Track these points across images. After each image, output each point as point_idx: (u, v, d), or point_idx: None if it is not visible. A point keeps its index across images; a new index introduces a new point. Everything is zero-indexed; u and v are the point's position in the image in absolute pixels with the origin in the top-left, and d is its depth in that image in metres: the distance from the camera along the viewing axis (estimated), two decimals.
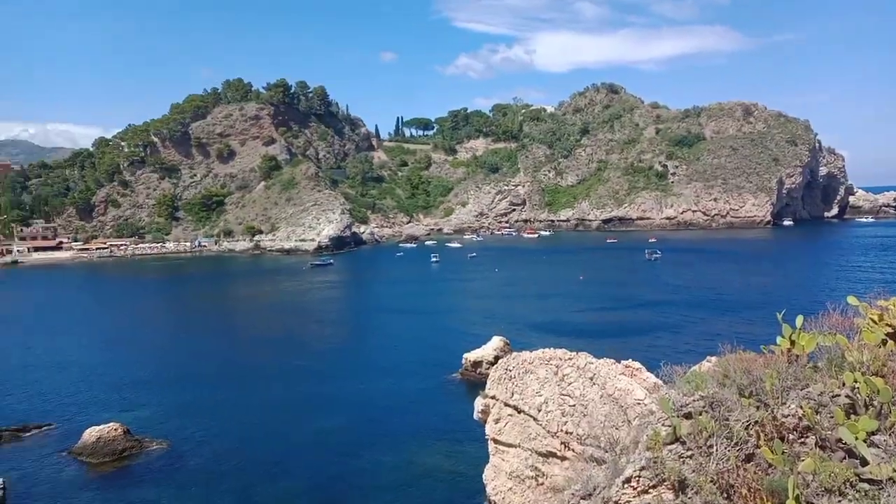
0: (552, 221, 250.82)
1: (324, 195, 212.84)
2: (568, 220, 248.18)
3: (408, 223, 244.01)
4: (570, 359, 16.22)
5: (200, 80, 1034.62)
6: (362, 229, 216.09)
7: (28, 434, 45.15)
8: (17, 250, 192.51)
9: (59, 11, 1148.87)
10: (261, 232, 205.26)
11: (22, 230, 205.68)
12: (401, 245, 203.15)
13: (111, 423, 42.56)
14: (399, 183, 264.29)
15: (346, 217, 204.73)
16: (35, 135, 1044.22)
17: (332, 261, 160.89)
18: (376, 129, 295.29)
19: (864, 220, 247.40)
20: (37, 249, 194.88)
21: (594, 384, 15.07)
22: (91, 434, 41.58)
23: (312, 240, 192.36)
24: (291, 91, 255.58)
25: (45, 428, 46.28)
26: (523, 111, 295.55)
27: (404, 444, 41.61)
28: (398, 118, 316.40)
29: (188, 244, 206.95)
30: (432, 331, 77.09)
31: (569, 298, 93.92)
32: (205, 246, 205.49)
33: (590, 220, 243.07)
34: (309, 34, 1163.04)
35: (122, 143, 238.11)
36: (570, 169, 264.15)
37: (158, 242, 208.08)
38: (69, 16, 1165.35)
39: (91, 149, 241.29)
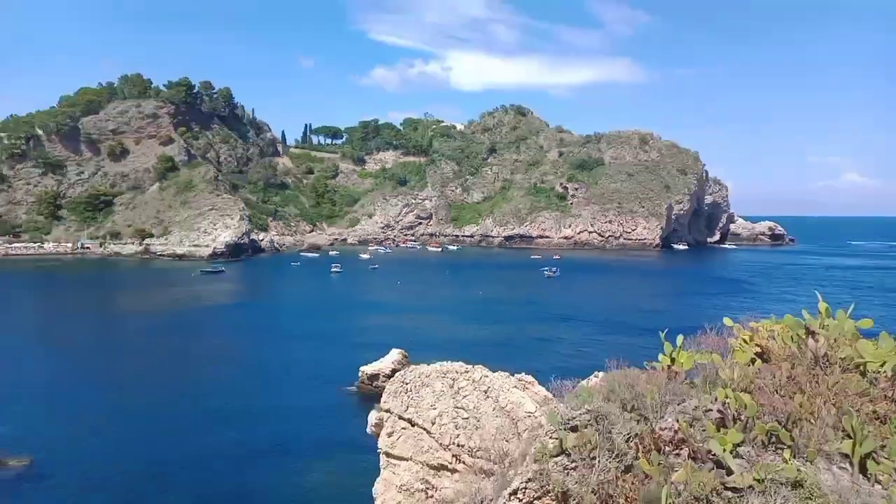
0: (457, 237, 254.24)
1: (222, 199, 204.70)
2: (472, 236, 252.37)
3: (310, 232, 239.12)
4: (466, 371, 16.28)
5: (98, 73, 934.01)
6: (261, 237, 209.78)
7: None
8: None
9: None
10: (151, 235, 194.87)
11: None
12: (301, 254, 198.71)
13: None
14: (304, 191, 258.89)
15: (245, 223, 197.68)
16: None
17: (223, 268, 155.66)
18: (283, 135, 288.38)
19: (740, 245, 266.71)
20: None
21: (488, 397, 15.19)
22: None
23: (207, 245, 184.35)
24: (195, 91, 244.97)
25: None
26: (434, 127, 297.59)
27: (294, 459, 40.41)
28: (306, 125, 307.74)
29: (69, 245, 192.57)
30: (328, 343, 75.65)
31: (469, 312, 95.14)
32: (88, 248, 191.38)
33: (493, 237, 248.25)
34: (219, 34, 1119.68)
35: (2, 135, 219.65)
36: (476, 186, 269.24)
37: (36, 242, 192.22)
38: None
39: None
